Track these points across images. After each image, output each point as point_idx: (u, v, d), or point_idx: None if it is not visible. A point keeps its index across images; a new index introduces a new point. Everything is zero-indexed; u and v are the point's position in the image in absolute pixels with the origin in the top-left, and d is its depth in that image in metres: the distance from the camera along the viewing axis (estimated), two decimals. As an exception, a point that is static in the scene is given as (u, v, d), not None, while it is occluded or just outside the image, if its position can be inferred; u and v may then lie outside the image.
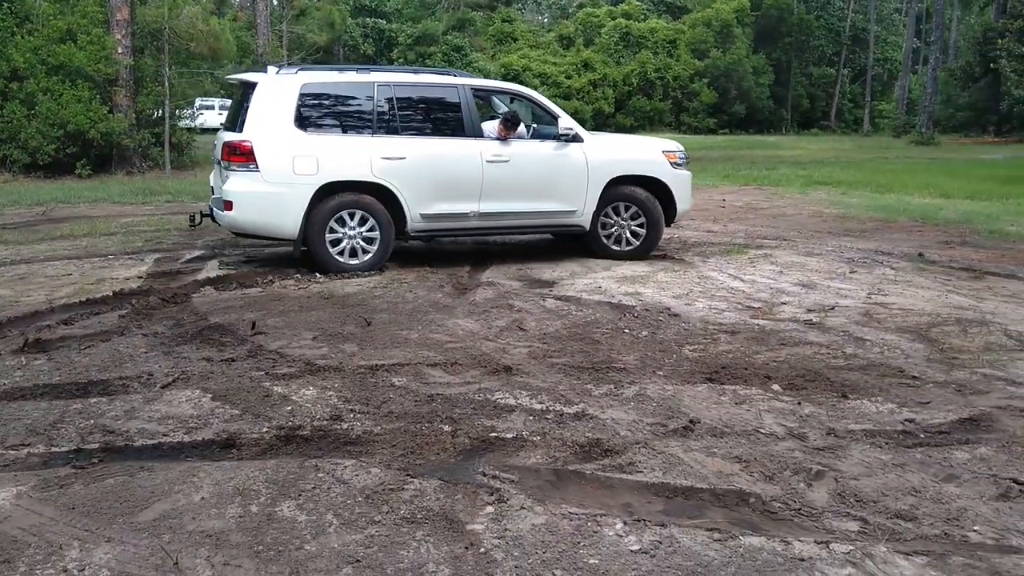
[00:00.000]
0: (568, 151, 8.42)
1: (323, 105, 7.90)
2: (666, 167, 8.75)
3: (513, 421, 4.19)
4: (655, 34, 48.14)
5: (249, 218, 7.73)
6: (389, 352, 5.36)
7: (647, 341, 5.72)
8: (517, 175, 8.28)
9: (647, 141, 9.63)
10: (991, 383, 4.86)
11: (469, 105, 8.22)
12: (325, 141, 7.75)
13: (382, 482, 3.47)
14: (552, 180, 8.41)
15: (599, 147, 8.65)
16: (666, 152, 8.87)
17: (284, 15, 29.92)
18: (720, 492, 3.43)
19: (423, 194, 7.95)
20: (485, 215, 8.22)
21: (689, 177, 9.10)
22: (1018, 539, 3.08)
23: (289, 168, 7.59)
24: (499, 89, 9.52)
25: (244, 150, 7.54)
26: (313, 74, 8.05)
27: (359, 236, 7.87)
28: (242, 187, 7.59)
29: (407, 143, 7.94)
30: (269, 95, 7.76)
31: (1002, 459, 3.78)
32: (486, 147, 8.18)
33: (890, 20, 59.46)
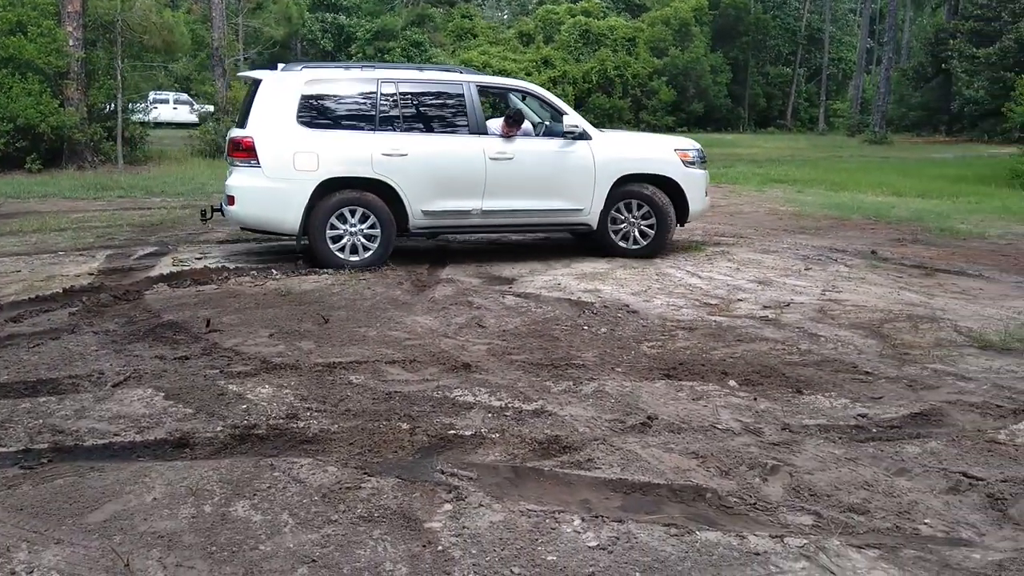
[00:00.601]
0: (575, 148, 8.37)
1: (326, 102, 7.95)
2: (678, 166, 8.66)
3: (472, 418, 4.18)
4: (614, 32, 48.32)
5: (251, 213, 7.87)
6: (347, 350, 5.31)
7: (606, 338, 5.74)
8: (522, 172, 8.23)
9: (660, 139, 9.60)
10: (941, 378, 4.95)
11: (474, 102, 8.20)
12: (326, 137, 7.79)
13: (339, 481, 3.44)
14: (558, 178, 8.36)
15: (607, 145, 8.55)
16: (679, 150, 8.78)
17: (240, 8, 29.52)
18: (677, 488, 3.45)
19: (425, 191, 7.95)
20: (489, 212, 8.20)
21: (703, 176, 8.95)
22: (967, 532, 3.14)
23: (290, 164, 7.67)
24: (505, 86, 9.35)
25: (246, 146, 7.68)
26: (317, 71, 8.09)
27: (360, 233, 7.87)
28: (244, 182, 7.76)
29: (409, 140, 7.95)
30: (272, 92, 7.86)
31: (952, 453, 3.85)
32: (490, 144, 8.14)
33: (845, 20, 60.35)
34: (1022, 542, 3.06)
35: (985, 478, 3.56)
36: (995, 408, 4.44)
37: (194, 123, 28.77)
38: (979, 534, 3.12)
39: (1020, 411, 4.39)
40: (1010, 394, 4.66)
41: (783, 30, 55.57)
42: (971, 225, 11.41)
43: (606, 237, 8.67)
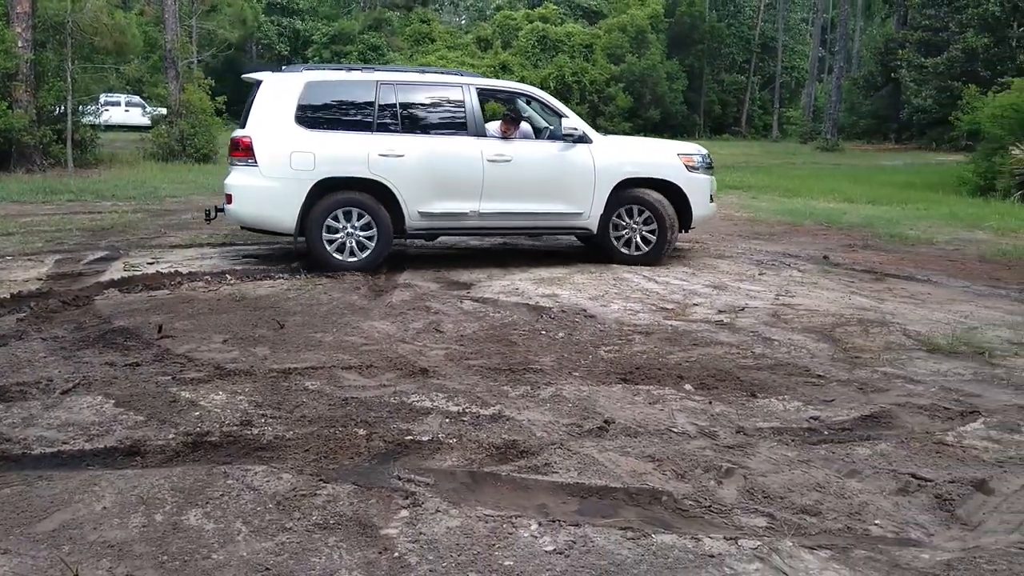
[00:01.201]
0: (574, 152, 8.35)
1: (325, 103, 8.00)
2: (680, 170, 8.59)
3: (429, 424, 4.16)
4: (572, 38, 48.59)
5: (247, 211, 7.94)
6: (302, 355, 5.26)
7: (563, 342, 5.76)
8: (520, 175, 8.22)
9: (663, 144, 9.55)
10: (891, 381, 5.04)
11: (473, 104, 8.20)
12: (323, 138, 7.84)
13: (294, 488, 3.40)
14: (556, 181, 8.33)
15: (608, 148, 8.53)
16: (682, 155, 8.72)
17: (193, 10, 29.10)
18: (634, 491, 3.47)
19: (421, 192, 7.96)
20: (486, 215, 8.19)
21: (708, 181, 8.85)
22: (916, 532, 3.20)
23: (286, 163, 7.73)
24: (506, 89, 9.28)
25: (244, 145, 7.78)
26: (317, 72, 8.17)
27: (357, 233, 7.89)
28: (241, 181, 7.84)
29: (406, 141, 7.97)
30: (272, 92, 7.96)
31: (901, 455, 3.92)
32: (488, 146, 8.15)
33: (797, 30, 61.34)
34: (969, 542, 3.12)
35: (933, 479, 3.63)
36: (943, 410, 4.53)
37: (146, 126, 28.33)
38: (928, 534, 3.19)
39: (967, 413, 4.49)
40: (957, 397, 4.77)
41: (737, 38, 56.33)
42: (919, 231, 11.66)
43: (607, 242, 8.64)
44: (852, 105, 46.49)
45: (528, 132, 8.80)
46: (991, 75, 28.05)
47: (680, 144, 9.33)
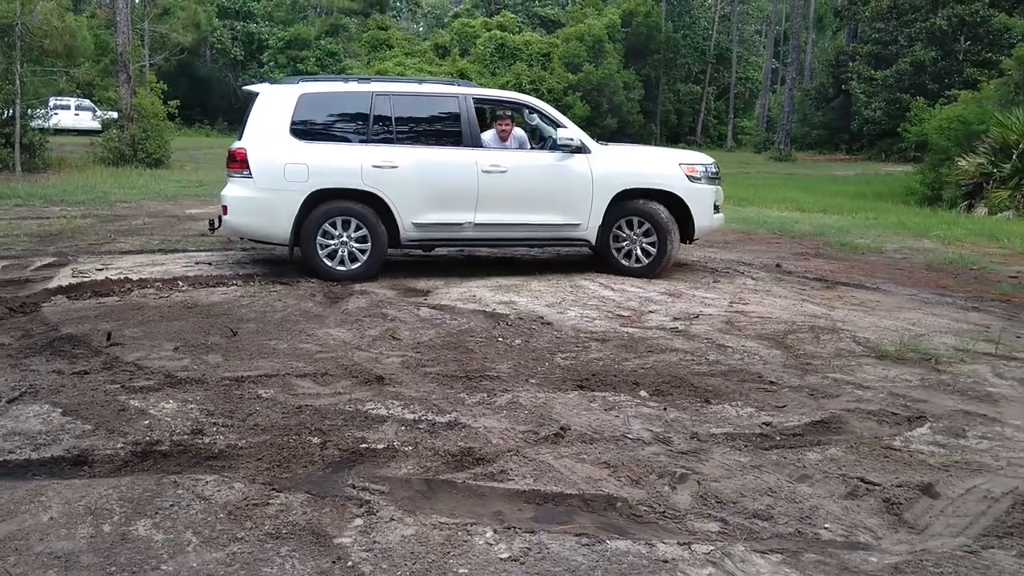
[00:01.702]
0: (572, 162, 8.22)
1: (319, 114, 8.03)
2: (682, 181, 8.38)
3: (384, 431, 4.14)
4: (530, 47, 48.76)
5: (243, 222, 7.97)
6: (256, 363, 5.20)
7: (520, 349, 5.77)
8: (515, 186, 8.13)
9: (665, 153, 9.31)
10: (841, 387, 5.13)
11: (469, 115, 8.14)
12: (317, 149, 7.85)
13: (246, 497, 3.36)
14: (553, 192, 8.23)
15: (607, 159, 8.38)
16: (684, 165, 8.50)
17: (146, 14, 28.70)
18: (589, 497, 3.48)
19: (415, 203, 7.92)
20: (482, 226, 8.12)
21: (712, 192, 8.59)
22: (865, 536, 3.26)
23: (280, 175, 7.73)
24: (503, 99, 9.01)
25: (239, 157, 7.81)
26: (312, 84, 8.18)
27: (351, 243, 7.89)
28: (236, 192, 7.86)
29: (400, 152, 7.93)
30: (267, 104, 7.98)
31: (851, 459, 3.99)
32: (483, 157, 8.08)
33: (751, 42, 62.28)
34: (916, 545, 3.19)
35: (881, 483, 3.70)
36: (891, 416, 4.62)
37: (97, 130, 27.87)
38: (876, 538, 3.24)
39: (914, 418, 4.59)
40: (905, 402, 4.86)
41: (693, 49, 57.00)
42: (869, 240, 11.89)
43: (608, 255, 8.51)
44: (804, 116, 47.33)
45: (523, 138, 8.73)
46: (938, 88, 28.76)
47: (684, 153, 9.12)
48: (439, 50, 49.69)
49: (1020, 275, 9.30)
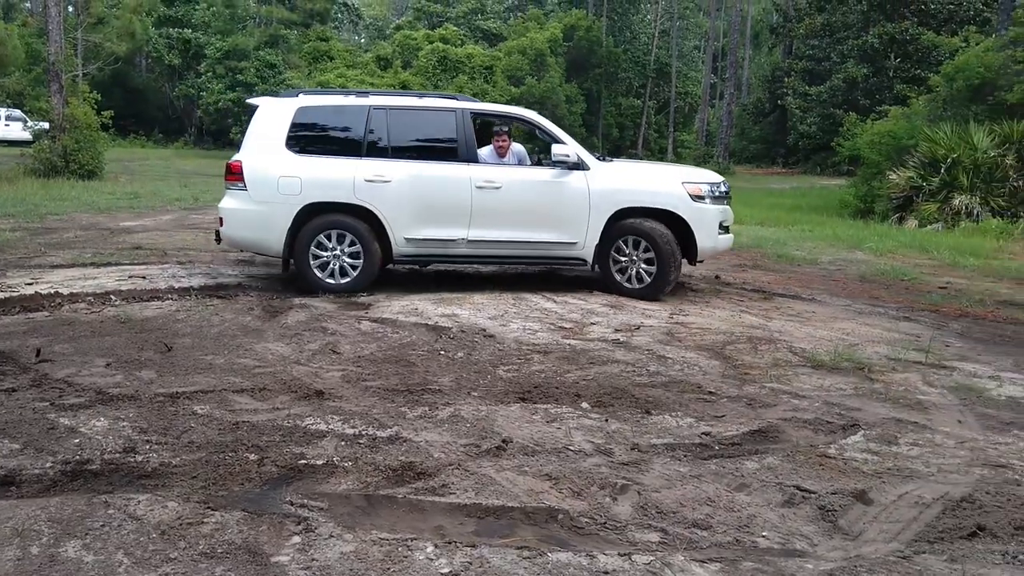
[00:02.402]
0: (569, 179, 8.04)
1: (316, 127, 8.07)
2: (683, 200, 8.06)
3: (324, 447, 4.08)
4: (472, 60, 48.88)
5: (238, 234, 8.02)
6: (191, 378, 5.09)
7: (462, 362, 5.75)
8: (510, 202, 8.01)
9: (668, 171, 8.98)
10: (778, 396, 5.22)
11: (465, 130, 8.07)
12: (311, 163, 7.87)
13: (180, 516, 3.28)
14: (548, 209, 8.07)
15: (606, 176, 8.14)
16: (687, 183, 8.17)
17: (80, 22, 28.05)
18: (530, 510, 3.48)
19: (408, 218, 7.89)
20: (475, 242, 8.03)
21: (718, 212, 8.21)
22: (801, 543, 3.31)
23: (274, 188, 7.78)
24: (501, 113, 8.83)
25: (235, 169, 7.87)
26: (311, 97, 8.20)
27: (344, 257, 7.89)
28: (232, 204, 7.91)
29: (394, 166, 7.90)
30: (266, 118, 8.02)
31: (787, 468, 4.06)
32: (477, 172, 7.98)
33: (690, 57, 63.25)
34: (851, 551, 3.25)
35: (817, 491, 3.76)
36: (826, 424, 4.71)
37: (28, 140, 27.09)
38: (812, 544, 3.30)
39: (848, 426, 4.68)
40: (839, 411, 4.97)
41: (634, 63, 57.71)
42: (805, 252, 12.14)
43: (607, 275, 8.30)
44: (742, 130, 48.24)
45: (522, 154, 8.61)
46: (870, 104, 29.56)
47: (689, 171, 8.77)
48: (381, 62, 49.50)
49: (949, 286, 9.58)
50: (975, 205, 15.09)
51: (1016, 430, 4.74)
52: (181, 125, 47.03)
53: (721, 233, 8.30)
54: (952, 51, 23.69)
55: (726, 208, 8.39)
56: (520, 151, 8.65)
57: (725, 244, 8.51)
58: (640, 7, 58.86)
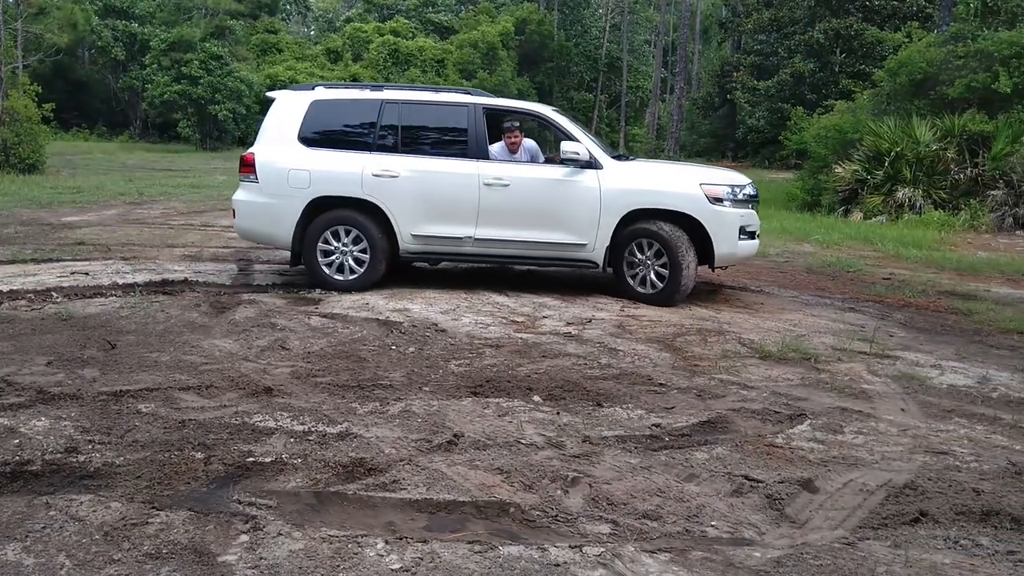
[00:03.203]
0: (580, 178, 7.73)
1: (328, 121, 8.01)
2: (699, 202, 7.61)
3: (273, 444, 4.03)
4: (423, 53, 48.67)
5: (248, 226, 8.09)
6: (136, 376, 4.99)
7: (414, 357, 5.72)
8: (518, 201, 7.78)
9: (686, 172, 8.41)
10: (727, 388, 5.28)
11: (476, 126, 7.88)
12: (321, 156, 7.85)
13: (123, 517, 3.21)
14: (557, 208, 7.77)
15: (619, 175, 7.76)
16: (705, 185, 7.70)
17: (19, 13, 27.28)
18: (482, 504, 3.47)
19: (415, 214, 7.78)
20: (482, 241, 7.83)
21: (737, 216, 7.67)
22: (749, 531, 3.35)
23: (284, 181, 7.80)
24: (514, 108, 8.40)
25: (248, 161, 7.93)
26: (325, 91, 8.20)
27: (351, 253, 7.84)
28: (243, 196, 7.98)
29: (402, 161, 7.80)
30: (280, 111, 8.06)
31: (736, 458, 4.10)
32: (485, 169, 7.78)
33: (641, 51, 63.71)
34: (798, 539, 3.30)
35: (765, 480, 3.82)
36: (774, 414, 4.78)
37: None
38: (760, 533, 3.34)
39: (796, 416, 4.76)
40: (787, 401, 5.04)
41: (585, 57, 57.94)
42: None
43: (621, 278, 7.93)
44: (692, 124, 48.68)
45: (535, 151, 8.32)
46: (816, 98, 30.04)
47: (709, 172, 8.33)
48: (331, 55, 49.06)
49: (892, 277, 9.79)
50: (918, 198, 15.42)
51: (957, 417, 4.86)
52: (126, 118, 46.08)
53: (743, 238, 7.80)
54: (895, 46, 24.17)
55: (750, 212, 7.91)
56: (532, 148, 8.37)
57: (747, 250, 7.99)
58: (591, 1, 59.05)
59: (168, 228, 11.79)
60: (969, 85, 16.19)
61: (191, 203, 15.27)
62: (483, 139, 7.92)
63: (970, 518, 3.49)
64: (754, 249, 8.13)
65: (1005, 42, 15.92)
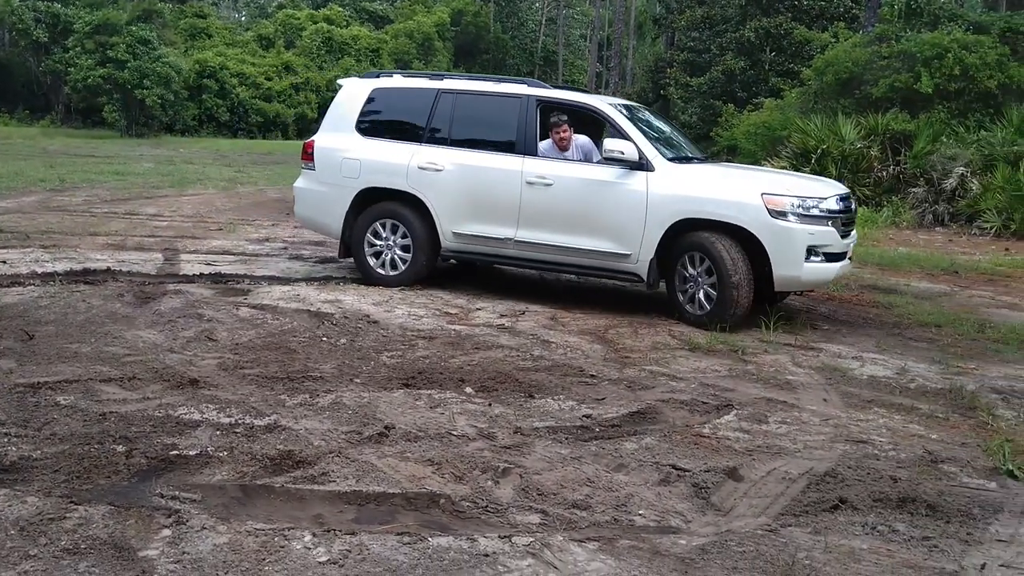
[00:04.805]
0: (627, 180, 6.93)
1: (385, 110, 7.95)
2: (757, 214, 6.58)
3: (198, 437, 3.95)
4: (358, 41, 48.13)
5: (304, 213, 8.21)
6: (55, 368, 4.83)
7: (345, 349, 5.66)
8: (559, 202, 7.17)
9: (748, 178, 7.45)
10: (656, 379, 5.35)
11: (527, 119, 7.35)
12: (373, 146, 7.74)
13: (40, 512, 3.11)
14: (600, 213, 7.04)
15: (671, 179, 6.89)
16: (768, 195, 6.62)
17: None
18: (412, 496, 3.46)
19: (456, 211, 7.46)
20: (523, 244, 7.30)
21: (807, 233, 6.57)
22: (676, 520, 3.41)
23: (337, 170, 7.77)
24: (571, 101, 7.57)
25: (308, 149, 7.97)
26: (386, 79, 8.13)
27: (396, 248, 7.71)
28: (302, 184, 8.07)
29: (447, 154, 7.51)
30: (344, 98, 8.05)
31: (664, 447, 4.17)
32: (529, 166, 7.23)
33: (577, 46, 64.05)
34: (722, 526, 3.36)
35: (691, 469, 3.88)
36: (702, 405, 4.87)
37: None
38: (686, 521, 3.40)
39: (722, 407, 4.85)
40: (714, 392, 5.14)
41: (521, 51, 58.04)
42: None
43: (671, 296, 7.07)
44: (627, 119, 49.13)
45: (589, 148, 7.52)
46: (747, 95, 30.57)
47: (782, 180, 7.26)
48: (263, 41, 48.14)
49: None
50: (843, 194, 15.84)
51: (876, 407, 5.01)
52: (48, 102, 44.49)
53: (814, 260, 6.63)
54: (823, 46, 24.73)
55: (826, 231, 6.69)
56: (586, 145, 7.56)
57: (818, 275, 6.79)
58: (528, -6, 59.20)
59: (91, 216, 11.44)
60: (892, 85, 16.68)
61: (115, 191, 14.84)
62: (533, 134, 7.37)
63: (887, 505, 3.60)
64: (830, 274, 6.89)
65: (927, 43, 16.43)
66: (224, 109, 41.71)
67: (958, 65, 15.89)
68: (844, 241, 6.90)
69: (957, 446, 4.42)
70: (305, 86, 44.88)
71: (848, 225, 7.05)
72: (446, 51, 51.36)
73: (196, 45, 44.83)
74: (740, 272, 6.62)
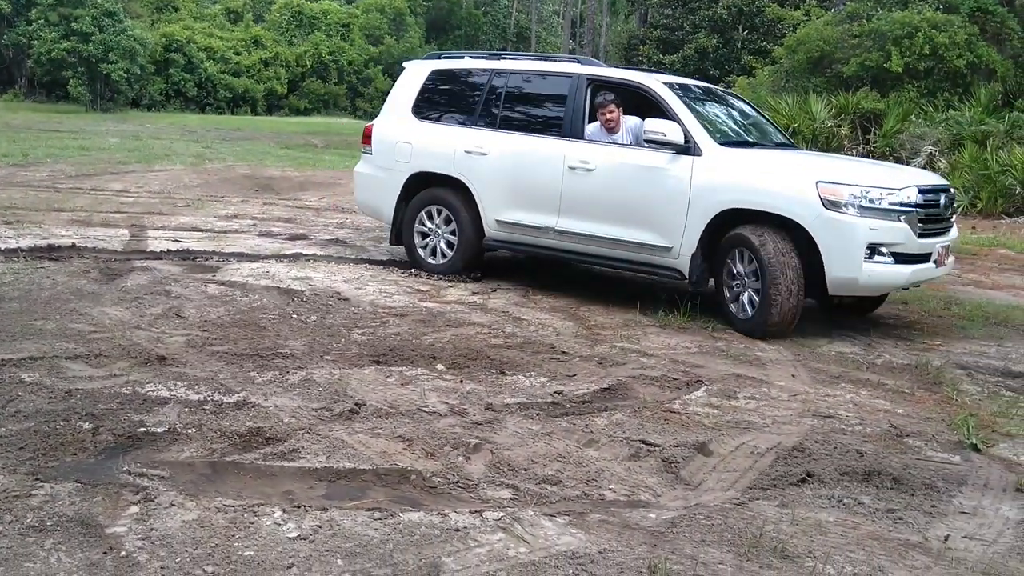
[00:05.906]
0: (671, 166, 6.31)
1: (442, 92, 7.78)
2: (808, 205, 5.81)
3: (166, 414, 3.91)
4: (328, 16, 47.60)
5: (361, 198, 8.15)
6: (18, 345, 4.76)
7: (315, 326, 5.63)
8: (600, 189, 6.64)
9: (805, 165, 6.63)
10: (627, 356, 5.38)
11: (576, 99, 6.88)
12: (426, 129, 7.57)
13: (5, 489, 3.07)
14: (641, 201, 6.49)
15: (718, 166, 6.18)
16: (824, 183, 5.83)
17: None
18: (383, 472, 3.45)
19: (499, 197, 7.09)
20: (564, 234, 6.83)
21: (867, 228, 5.72)
22: (646, 494, 3.43)
23: (391, 153, 7.65)
24: (622, 80, 7.01)
25: (367, 133, 7.91)
26: (445, 61, 7.97)
27: (444, 235, 7.49)
28: (360, 168, 8.03)
29: (494, 138, 7.17)
30: (404, 81, 7.91)
31: (634, 423, 4.19)
32: (572, 151, 6.74)
33: (550, 22, 63.77)
34: (691, 500, 3.39)
35: (661, 444, 3.91)
36: (672, 381, 4.90)
37: None
38: (655, 495, 3.43)
39: (692, 383, 4.89)
40: (684, 368, 5.17)
41: (494, 27, 57.70)
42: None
43: (720, 294, 6.35)
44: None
45: (640, 130, 6.65)
46: (720, 74, 30.63)
47: (845, 166, 6.61)
48: (231, 15, 47.46)
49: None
50: (813, 173, 15.98)
51: (844, 383, 5.08)
52: (11, 76, 43.54)
53: (878, 260, 5.79)
54: (795, 24, 24.83)
55: (896, 227, 5.80)
56: (637, 127, 6.77)
57: (880, 278, 5.91)
58: (500, -30, 58.77)
59: (55, 192, 11.25)
60: (863, 64, 16.79)
61: (80, 166, 14.59)
62: (580, 116, 6.89)
63: (853, 478, 3.65)
64: (900, 278, 5.95)
65: (898, 22, 16.55)
66: (192, 84, 41.15)
67: (928, 44, 16.03)
68: (924, 241, 5.96)
69: (922, 420, 4.49)
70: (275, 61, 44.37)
71: (934, 222, 6.12)
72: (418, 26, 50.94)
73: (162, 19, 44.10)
74: (788, 271, 5.83)
